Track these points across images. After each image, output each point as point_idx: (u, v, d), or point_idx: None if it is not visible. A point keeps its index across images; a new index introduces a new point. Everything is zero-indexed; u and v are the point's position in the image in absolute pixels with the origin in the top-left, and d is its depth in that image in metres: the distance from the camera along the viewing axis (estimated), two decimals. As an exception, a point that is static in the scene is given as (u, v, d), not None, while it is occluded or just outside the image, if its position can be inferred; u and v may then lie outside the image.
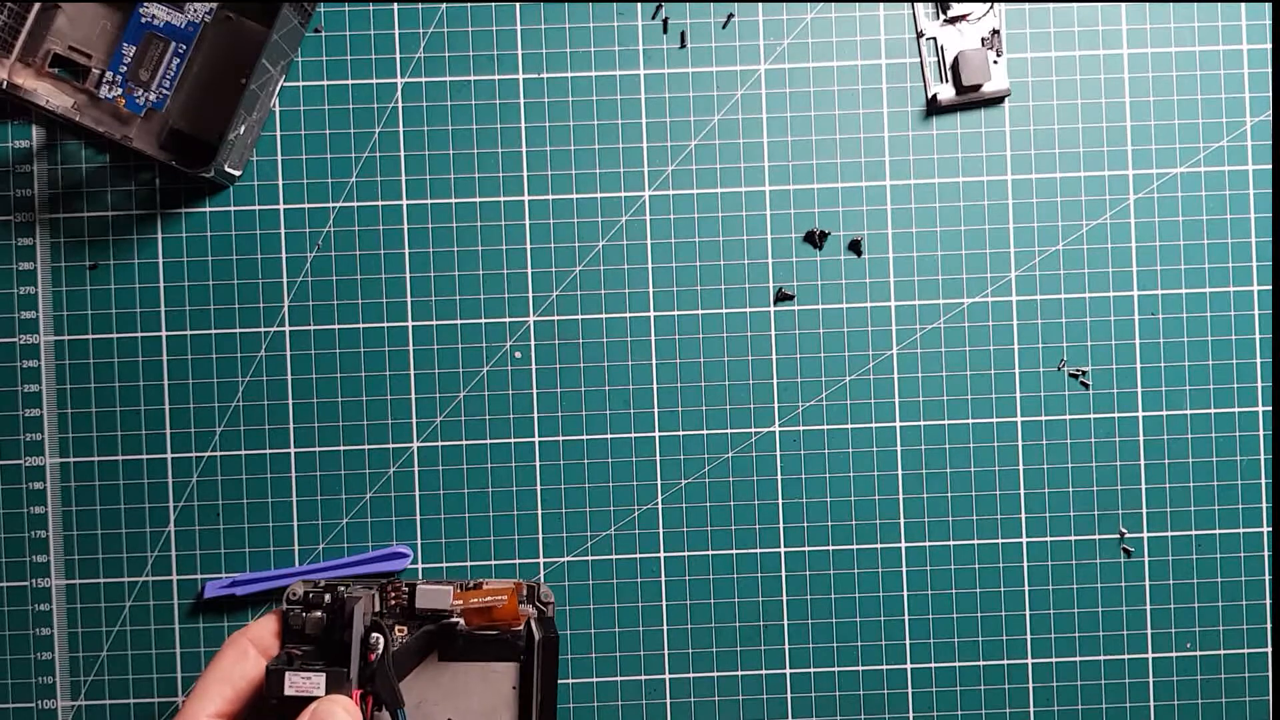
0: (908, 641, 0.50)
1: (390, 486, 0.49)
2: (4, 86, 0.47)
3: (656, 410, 0.49)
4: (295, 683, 0.39)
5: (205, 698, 0.40)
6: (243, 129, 0.47)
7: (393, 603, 0.43)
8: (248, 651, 0.41)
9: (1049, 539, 0.50)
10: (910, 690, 0.50)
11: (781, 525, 0.50)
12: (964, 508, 0.50)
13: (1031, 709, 0.50)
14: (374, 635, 0.41)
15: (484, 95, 0.49)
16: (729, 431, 0.50)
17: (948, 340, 0.50)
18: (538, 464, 0.49)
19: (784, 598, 0.49)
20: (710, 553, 0.50)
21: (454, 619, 0.43)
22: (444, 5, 0.49)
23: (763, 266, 0.50)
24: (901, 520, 0.50)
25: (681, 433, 0.49)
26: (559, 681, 0.48)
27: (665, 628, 0.50)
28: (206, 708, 0.40)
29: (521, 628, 0.43)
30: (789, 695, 0.49)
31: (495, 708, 0.43)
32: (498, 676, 0.43)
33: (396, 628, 0.43)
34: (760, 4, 0.49)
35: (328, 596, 0.42)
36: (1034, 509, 0.50)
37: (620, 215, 0.50)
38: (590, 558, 0.50)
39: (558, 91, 0.49)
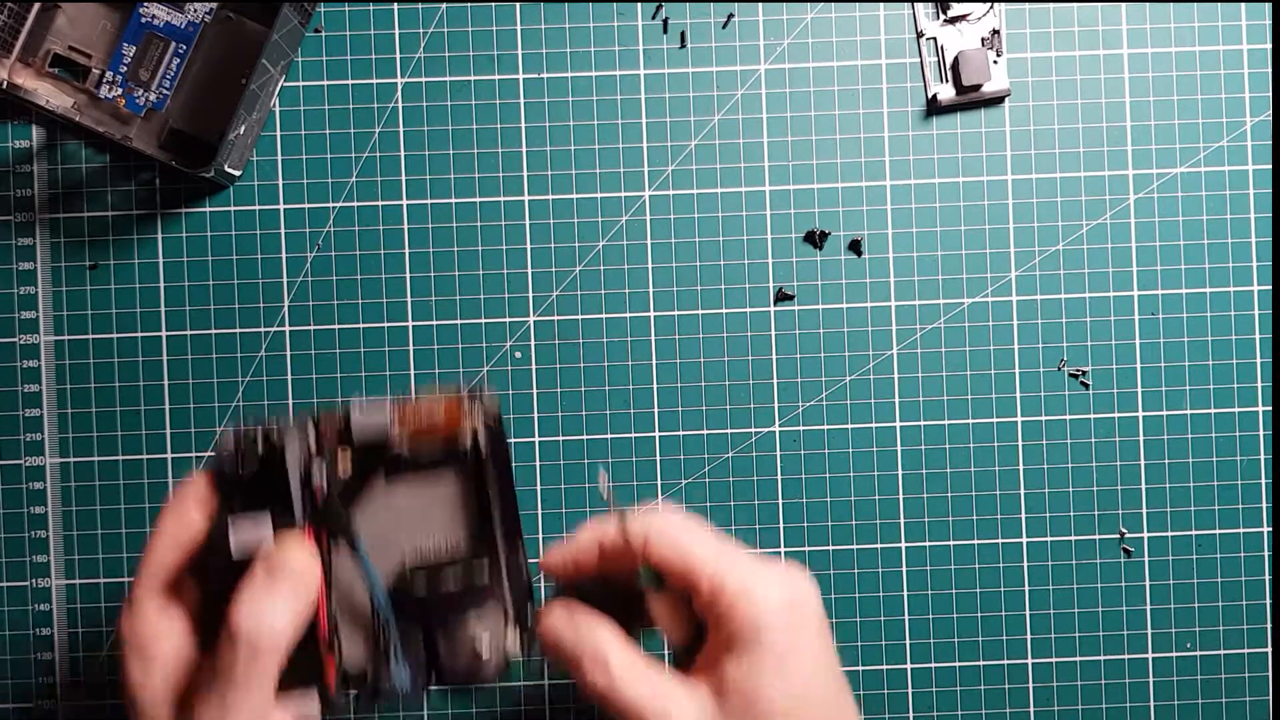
0: (908, 641, 0.50)
1: (390, 486, 0.49)
2: (4, 86, 0.47)
3: (656, 410, 0.49)
4: (240, 536, 0.37)
5: (155, 565, 0.38)
6: (243, 129, 0.47)
7: (328, 435, 0.39)
8: (187, 510, 0.39)
9: (1049, 539, 0.50)
10: (910, 690, 0.50)
11: (781, 525, 0.50)
12: (964, 508, 0.50)
13: (1031, 709, 0.50)
14: (314, 472, 0.39)
15: (484, 95, 0.49)
16: (729, 431, 0.50)
17: (948, 340, 0.50)
18: (538, 464, 0.49)
19: (784, 598, 0.49)
20: (710, 553, 0.49)
21: (396, 440, 0.40)
22: (444, 5, 0.49)
23: (763, 266, 0.50)
24: (901, 520, 0.50)
25: (681, 433, 0.49)
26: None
27: (665, 628, 0.49)
28: (159, 575, 0.38)
29: (468, 439, 0.40)
30: (789, 695, 0.49)
31: (455, 521, 0.41)
32: (450, 490, 0.41)
33: (339, 453, 0.40)
34: (760, 4, 0.49)
35: (260, 443, 0.39)
36: (1034, 509, 0.50)
37: (620, 215, 0.50)
38: (590, 558, 0.50)
39: (558, 91, 0.49)
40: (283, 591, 0.36)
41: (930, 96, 0.49)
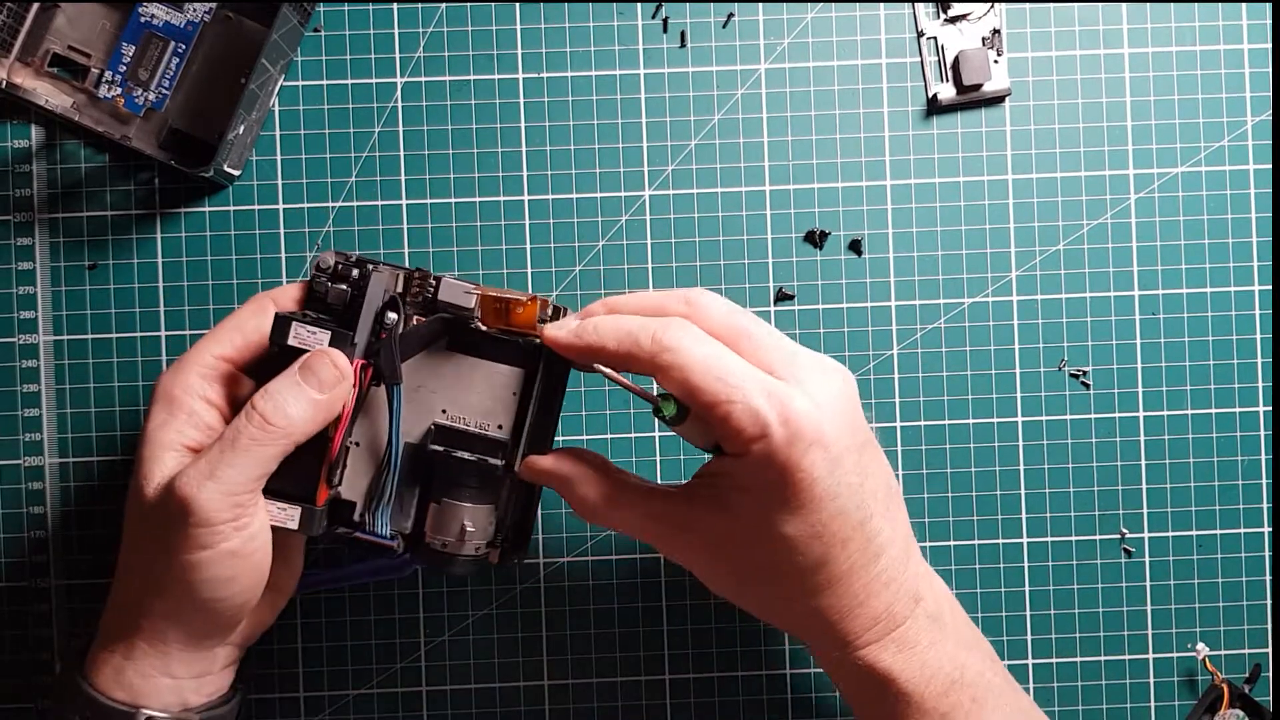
0: (908, 641, 0.49)
1: (390, 486, 0.49)
2: (4, 86, 0.47)
3: (656, 410, 0.49)
4: (300, 334, 0.39)
5: (215, 341, 0.41)
6: (242, 129, 0.47)
7: (416, 293, 0.41)
8: (267, 308, 0.41)
9: (1049, 539, 0.50)
10: (910, 690, 0.49)
11: (781, 525, 0.49)
12: (964, 508, 0.50)
13: (1031, 709, 0.49)
14: (390, 313, 0.40)
15: (484, 95, 0.49)
16: (729, 431, 0.49)
17: (948, 340, 0.50)
18: (538, 464, 0.49)
19: (784, 598, 0.49)
20: (710, 553, 0.49)
21: (472, 316, 0.41)
22: (444, 5, 0.49)
23: (763, 266, 0.50)
24: (901, 520, 0.49)
25: (681, 433, 0.49)
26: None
27: (665, 628, 0.49)
28: (214, 349, 0.41)
29: (537, 338, 0.41)
30: (789, 695, 0.49)
31: (493, 409, 0.42)
32: (502, 379, 0.42)
33: (415, 318, 0.41)
34: (760, 4, 0.49)
35: (356, 271, 0.41)
36: (1034, 509, 0.50)
37: (620, 215, 0.49)
38: (590, 558, 0.50)
39: (558, 91, 0.49)
40: (307, 391, 0.38)
41: (930, 96, 0.49)
